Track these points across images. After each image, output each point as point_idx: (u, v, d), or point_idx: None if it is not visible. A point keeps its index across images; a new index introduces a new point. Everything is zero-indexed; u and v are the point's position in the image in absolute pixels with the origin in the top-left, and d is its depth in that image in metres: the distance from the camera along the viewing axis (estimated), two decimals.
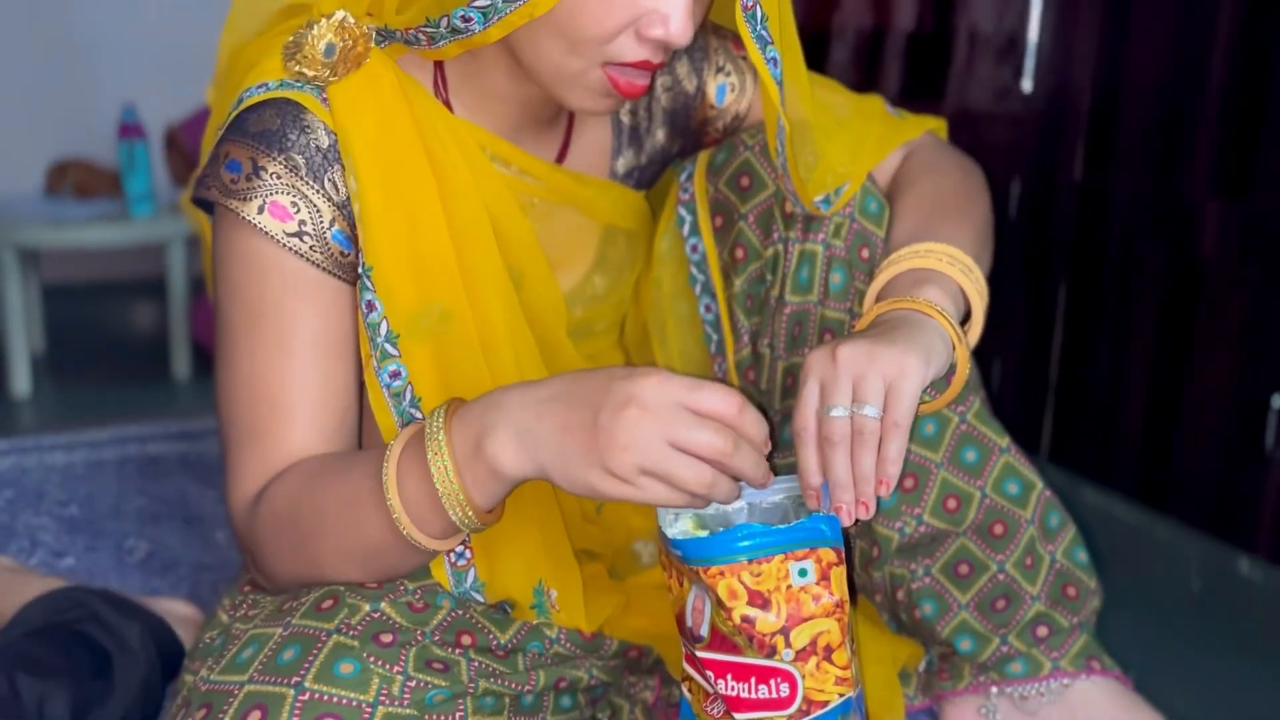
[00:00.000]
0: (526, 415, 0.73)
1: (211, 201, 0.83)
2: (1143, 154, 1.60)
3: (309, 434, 0.83)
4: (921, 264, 0.85)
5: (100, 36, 2.89)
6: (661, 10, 0.77)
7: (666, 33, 0.77)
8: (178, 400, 2.28)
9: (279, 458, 0.82)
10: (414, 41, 0.83)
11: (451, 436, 0.74)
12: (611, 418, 0.69)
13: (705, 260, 1.00)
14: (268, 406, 0.82)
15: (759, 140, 0.96)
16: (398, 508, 0.75)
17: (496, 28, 0.78)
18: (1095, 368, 1.70)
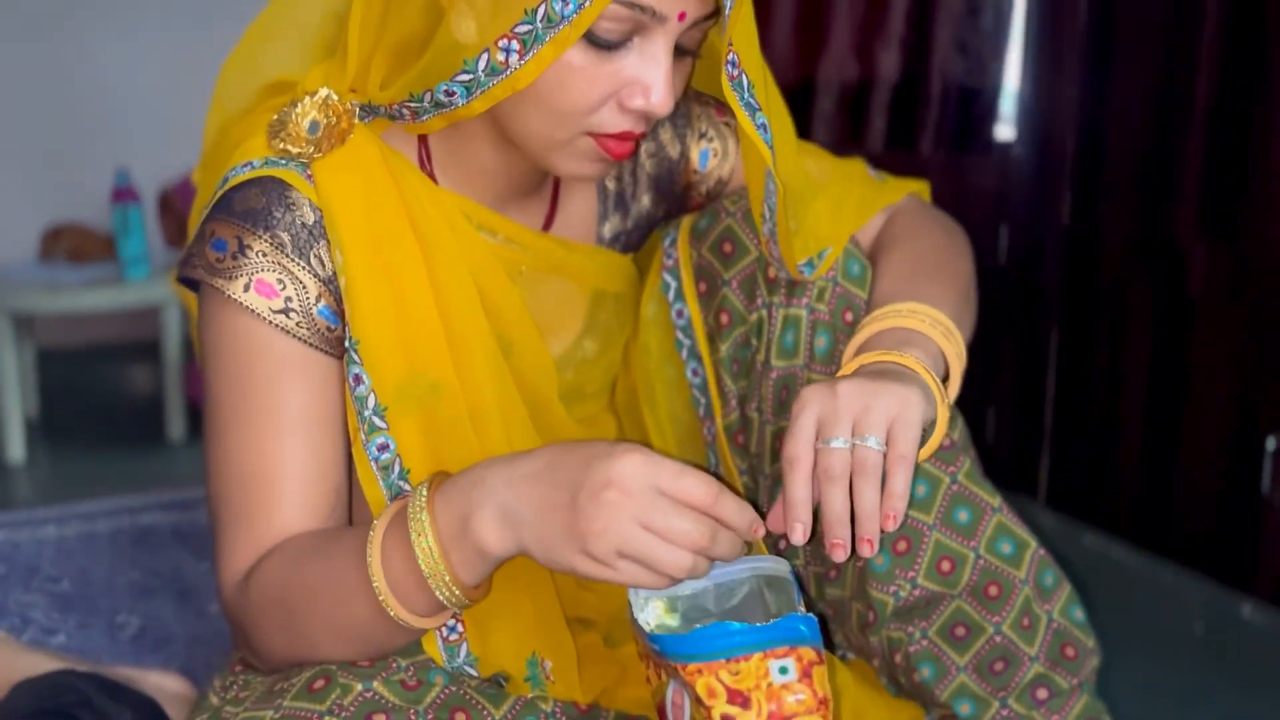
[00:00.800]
0: (509, 493, 0.73)
1: (198, 280, 0.84)
2: (1129, 197, 1.61)
3: (298, 512, 0.82)
4: (903, 323, 0.85)
5: (94, 102, 2.92)
6: (643, 81, 0.78)
7: (648, 103, 0.78)
8: (173, 463, 2.28)
9: (268, 536, 0.82)
10: (398, 116, 0.84)
11: (435, 516, 0.74)
12: (590, 500, 0.69)
13: (691, 325, 1.00)
14: (257, 485, 0.82)
15: (740, 206, 0.97)
16: (384, 589, 0.75)
17: (480, 101, 0.79)
18: (1089, 411, 1.71)
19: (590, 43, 0.77)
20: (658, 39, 0.78)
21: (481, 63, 0.78)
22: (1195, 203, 1.51)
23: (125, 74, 2.93)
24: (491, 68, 0.77)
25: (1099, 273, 1.67)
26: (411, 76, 0.81)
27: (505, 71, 0.77)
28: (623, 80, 0.78)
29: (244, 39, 0.94)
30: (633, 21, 0.77)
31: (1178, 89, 1.52)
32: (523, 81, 0.77)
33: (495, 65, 0.77)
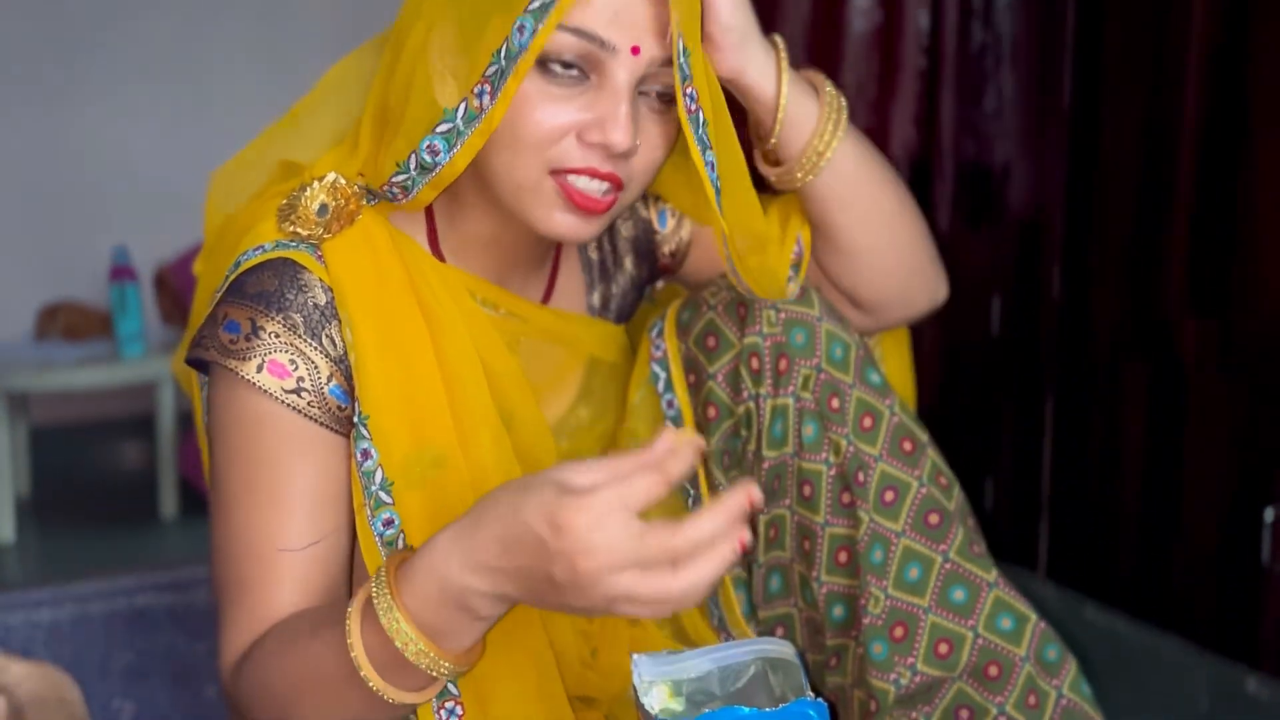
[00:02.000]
0: (480, 581, 0.71)
1: (209, 361, 0.84)
2: (1118, 271, 1.64)
3: (298, 592, 0.82)
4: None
5: (90, 180, 2.95)
6: (599, 114, 0.80)
7: (604, 138, 0.80)
8: (165, 541, 2.26)
9: (267, 617, 0.82)
10: (392, 197, 0.86)
11: (408, 610, 0.73)
12: (568, 575, 0.67)
13: (681, 416, 1.00)
14: (260, 564, 0.82)
15: (720, 299, 0.98)
16: (374, 677, 0.74)
17: (461, 154, 0.81)
18: (1087, 483, 1.71)
19: (545, 73, 0.79)
20: (616, 74, 0.79)
21: (460, 111, 0.81)
22: (1184, 278, 1.53)
23: (122, 153, 2.97)
24: (468, 115, 0.80)
25: (1092, 346, 1.69)
26: (398, 142, 0.83)
27: (480, 115, 0.80)
28: (583, 115, 0.80)
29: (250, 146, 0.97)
30: (585, 51, 0.79)
31: (1162, 165, 1.55)
32: (495, 121, 0.79)
33: (471, 111, 0.80)
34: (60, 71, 2.90)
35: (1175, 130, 1.53)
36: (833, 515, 0.95)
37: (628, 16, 0.79)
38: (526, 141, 0.81)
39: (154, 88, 2.98)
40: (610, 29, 0.78)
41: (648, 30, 0.79)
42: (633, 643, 1.01)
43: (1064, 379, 1.74)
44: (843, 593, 0.95)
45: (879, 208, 0.95)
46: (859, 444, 0.94)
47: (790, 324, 0.95)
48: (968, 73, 1.85)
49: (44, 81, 2.89)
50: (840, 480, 0.95)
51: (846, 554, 0.94)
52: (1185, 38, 1.49)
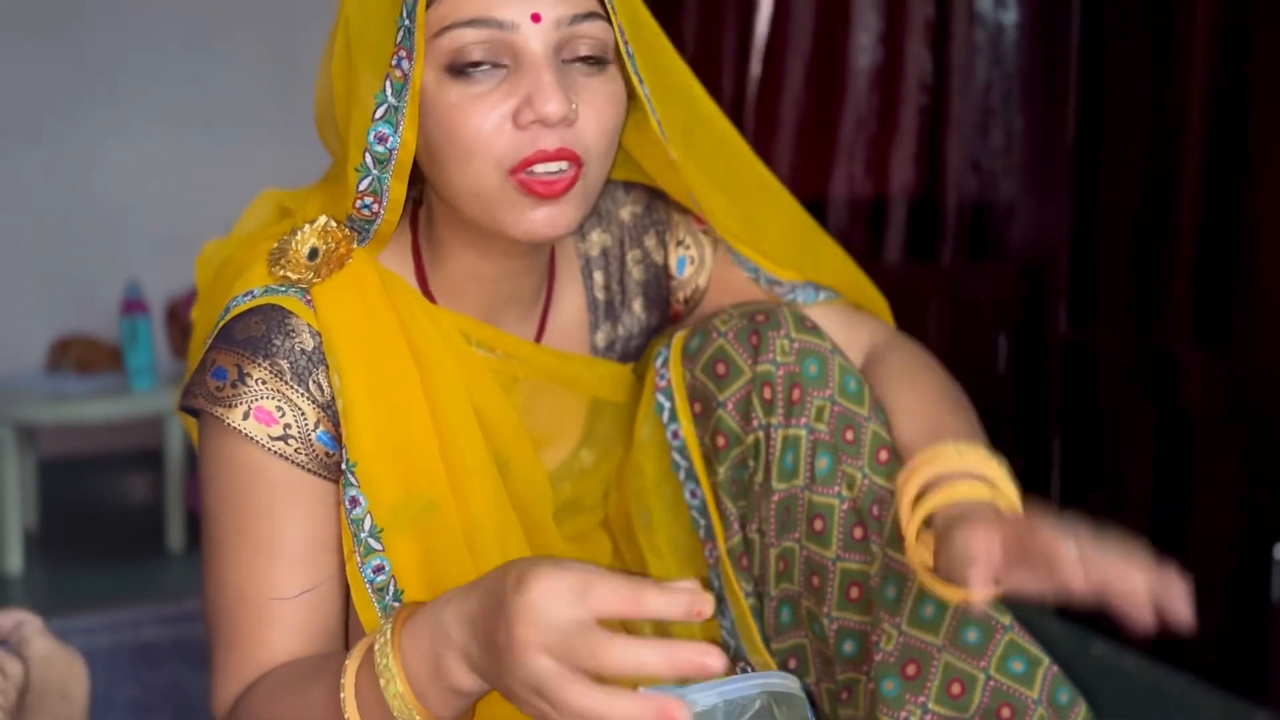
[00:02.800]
0: (463, 636, 0.69)
1: (198, 409, 0.85)
2: (1123, 309, 1.64)
3: (289, 639, 0.82)
4: (963, 464, 0.89)
5: (102, 215, 2.98)
6: (525, 94, 0.78)
7: (536, 113, 0.78)
8: (171, 573, 2.26)
9: (259, 663, 0.81)
10: (368, 211, 0.85)
11: (404, 662, 0.71)
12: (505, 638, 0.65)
13: (686, 447, 0.99)
14: (250, 611, 0.82)
15: (731, 326, 0.97)
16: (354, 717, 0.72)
17: (406, 128, 0.81)
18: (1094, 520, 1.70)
19: (462, 78, 0.79)
20: (527, 48, 0.78)
21: (388, 88, 0.80)
22: (1188, 315, 1.54)
23: (134, 190, 3.00)
24: (395, 87, 0.80)
25: (1098, 382, 1.69)
26: (351, 150, 0.83)
27: (406, 82, 0.80)
28: (511, 102, 0.79)
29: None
30: (489, 40, 0.78)
31: (1165, 202, 1.56)
32: (417, 81, 0.79)
33: (397, 83, 0.80)
34: (74, 110, 2.94)
35: (1178, 167, 1.54)
36: (844, 550, 0.94)
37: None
38: (471, 148, 0.80)
39: (165, 126, 3.01)
40: (503, 8, 0.77)
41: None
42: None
43: (1071, 415, 1.74)
44: (854, 628, 0.94)
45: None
46: (874, 478, 0.94)
47: (804, 354, 0.94)
48: (972, 111, 1.87)
49: (58, 120, 2.93)
50: (854, 514, 0.94)
51: (858, 589, 0.94)
52: (1187, 76, 1.50)
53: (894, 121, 1.90)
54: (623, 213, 1.02)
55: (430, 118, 0.81)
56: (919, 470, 0.89)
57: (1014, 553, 0.81)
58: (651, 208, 1.03)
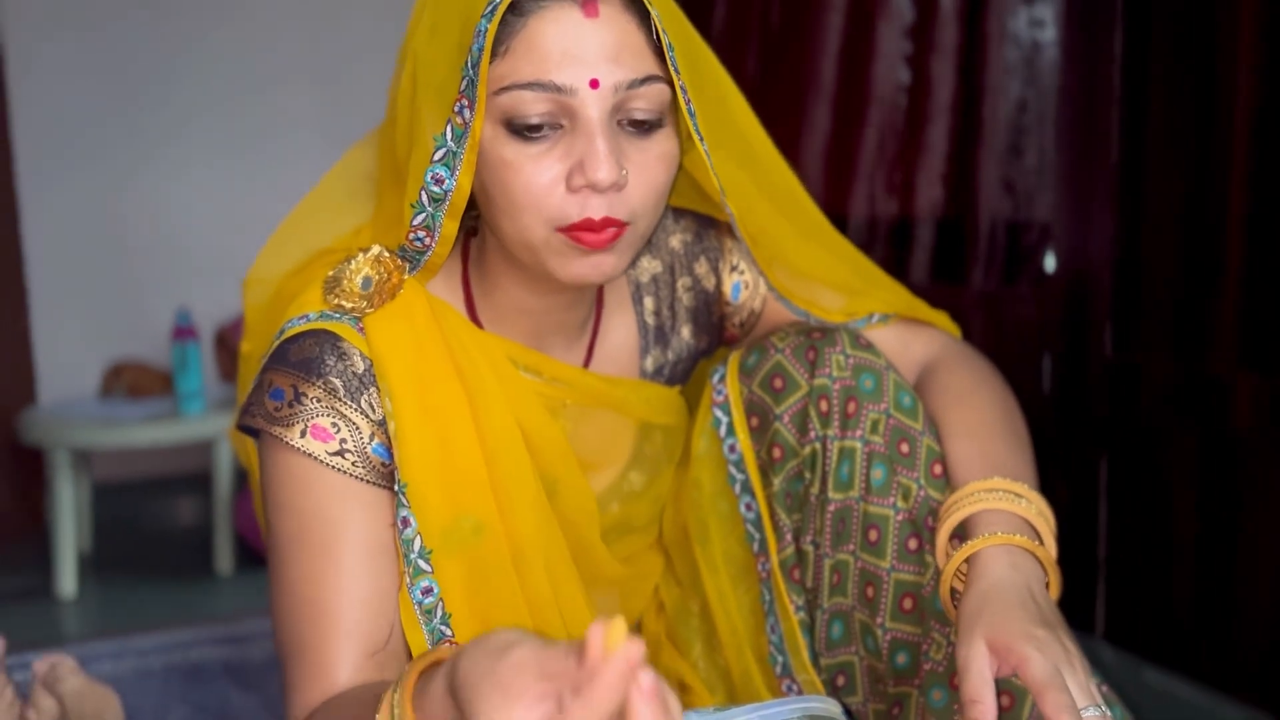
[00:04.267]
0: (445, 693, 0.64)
1: (257, 429, 0.87)
2: (1168, 329, 1.62)
3: (357, 646, 0.83)
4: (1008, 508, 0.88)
5: (153, 244, 3.05)
6: (577, 157, 0.80)
7: (587, 179, 0.79)
8: (220, 596, 2.29)
9: (328, 673, 0.83)
10: (420, 243, 0.87)
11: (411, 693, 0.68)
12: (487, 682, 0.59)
13: (743, 460, 1.01)
14: (317, 619, 0.83)
15: (788, 343, 0.99)
16: None
17: (463, 173, 0.82)
18: (1143, 543, 1.68)
19: (518, 135, 0.80)
20: (583, 112, 0.79)
21: (448, 133, 0.82)
22: (1235, 335, 1.52)
23: (184, 217, 3.07)
24: (456, 132, 0.81)
25: (1145, 403, 1.67)
26: (409, 186, 0.85)
27: (466, 130, 0.81)
28: (565, 164, 0.80)
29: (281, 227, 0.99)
30: (547, 100, 0.79)
31: (1210, 221, 1.55)
32: (477, 132, 0.80)
33: (457, 129, 0.81)
34: (126, 138, 3.01)
35: (1224, 185, 1.52)
36: (899, 561, 0.94)
37: (576, 52, 0.78)
38: (522, 205, 0.81)
39: (216, 154, 3.08)
40: (562, 72, 0.78)
41: (600, 57, 0.78)
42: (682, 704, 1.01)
43: (1118, 437, 1.72)
44: (907, 640, 0.95)
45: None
46: (929, 490, 0.94)
47: (859, 369, 0.96)
48: (1006, 130, 1.86)
49: (111, 148, 3.00)
50: (909, 525, 0.94)
51: (912, 601, 0.94)
52: (1232, 89, 1.49)
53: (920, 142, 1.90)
54: (673, 240, 1.04)
55: (486, 168, 0.82)
56: (951, 515, 0.89)
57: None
58: (702, 235, 1.05)
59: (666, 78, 0.82)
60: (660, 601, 1.09)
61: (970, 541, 0.86)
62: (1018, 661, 0.77)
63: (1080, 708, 0.75)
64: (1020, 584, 0.83)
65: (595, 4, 0.79)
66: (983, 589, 0.83)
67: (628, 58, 0.79)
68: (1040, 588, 0.84)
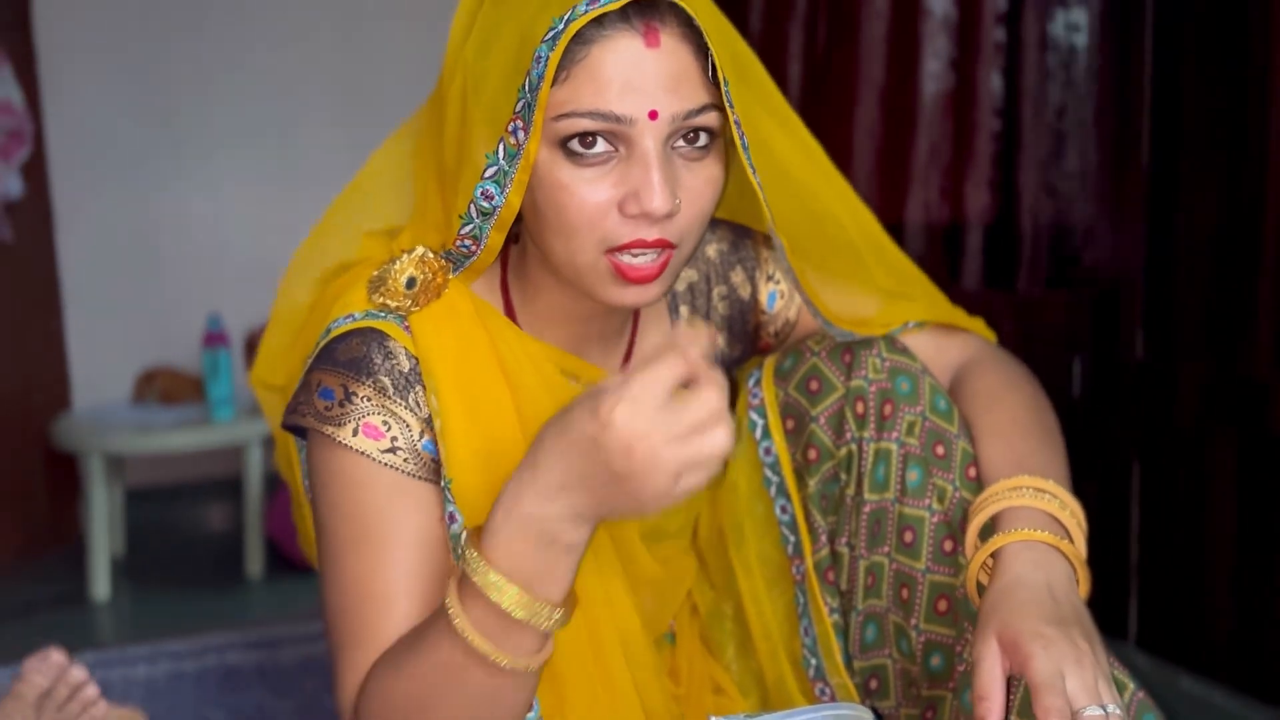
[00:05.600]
0: (559, 506, 0.74)
1: (305, 427, 0.88)
2: (1202, 333, 1.61)
3: (410, 626, 0.84)
4: (1037, 505, 0.88)
5: (187, 251, 3.07)
6: (632, 186, 0.80)
7: (641, 207, 0.80)
8: (251, 600, 2.30)
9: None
10: (466, 251, 0.88)
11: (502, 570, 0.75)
12: (626, 464, 0.70)
13: (778, 462, 1.01)
14: (372, 604, 0.84)
15: (824, 345, 0.99)
16: (484, 645, 0.75)
17: (514, 192, 0.83)
18: (1178, 549, 1.66)
19: (573, 157, 0.80)
20: (641, 143, 0.79)
21: (500, 151, 0.82)
22: (1272, 339, 1.50)
23: (216, 224, 3.09)
24: (509, 152, 0.81)
25: (1179, 409, 1.66)
26: (457, 198, 0.86)
27: (519, 151, 0.81)
28: (619, 190, 0.80)
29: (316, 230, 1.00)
30: (606, 129, 0.79)
31: (1246, 223, 1.53)
32: (532, 155, 0.81)
33: (510, 149, 0.81)
34: (158, 148, 3.04)
35: (1260, 187, 1.51)
36: (934, 562, 0.94)
37: (637, 82, 0.78)
38: (575, 226, 0.82)
39: (247, 162, 3.11)
40: (622, 102, 0.78)
41: (660, 88, 0.79)
42: (716, 708, 1.01)
43: (1150, 443, 1.71)
44: (941, 642, 0.94)
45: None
46: (964, 492, 0.94)
47: (895, 372, 0.96)
48: (1046, 135, 1.85)
49: (143, 158, 3.04)
50: (944, 527, 0.94)
51: (946, 602, 0.94)
52: (1268, 93, 1.48)
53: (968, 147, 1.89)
54: (709, 250, 1.05)
55: (539, 189, 0.82)
56: (979, 513, 0.89)
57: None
58: (738, 245, 1.05)
59: (720, 104, 0.83)
60: (694, 604, 1.09)
61: (994, 538, 0.86)
62: (1023, 659, 0.77)
63: (1079, 707, 0.75)
64: (1039, 581, 0.83)
65: (657, 34, 0.79)
66: (1002, 585, 0.83)
67: (686, 88, 0.80)
68: (1064, 585, 0.84)
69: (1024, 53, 1.85)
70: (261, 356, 1.04)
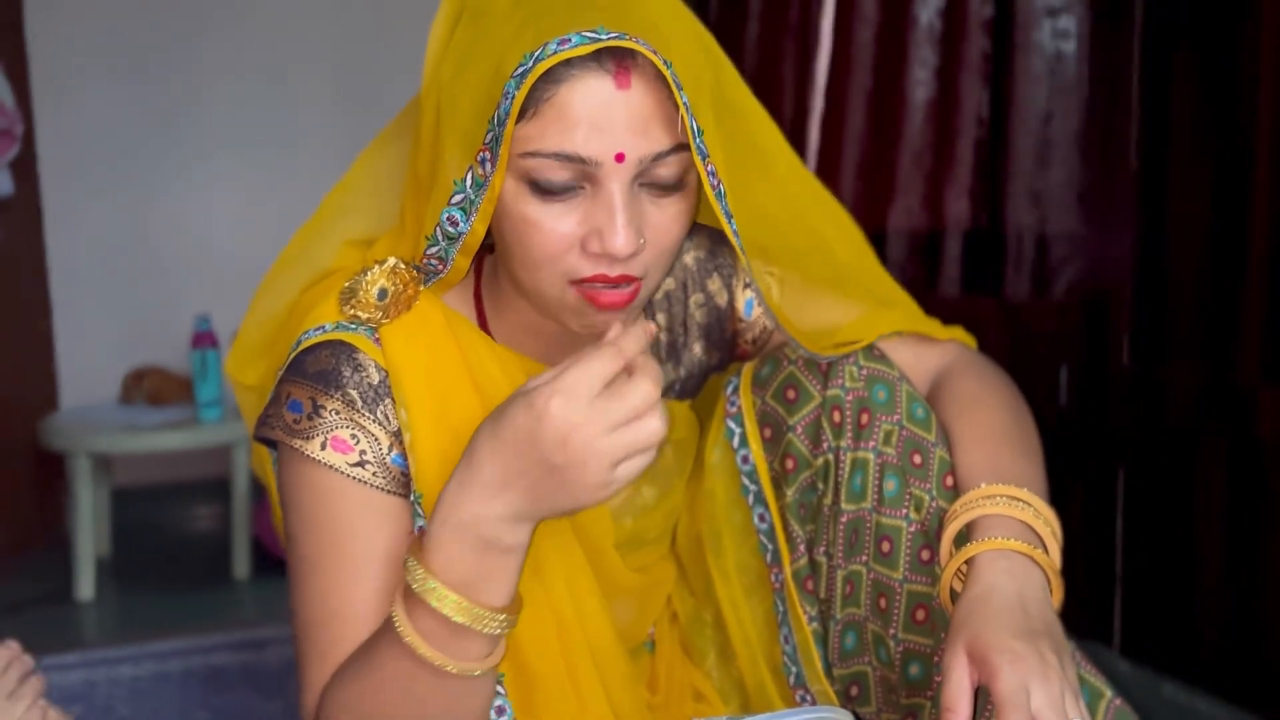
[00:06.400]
0: (499, 505, 0.75)
1: (275, 440, 0.88)
2: (1191, 340, 1.62)
3: None
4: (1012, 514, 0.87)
5: (175, 253, 3.06)
6: (596, 225, 0.79)
7: (604, 248, 0.79)
8: (238, 601, 2.30)
9: None
10: (432, 270, 0.88)
11: (443, 576, 0.76)
12: (563, 454, 0.72)
13: (756, 471, 1.01)
14: (338, 622, 0.84)
15: (802, 354, 0.99)
16: (431, 653, 0.76)
17: (478, 220, 0.82)
18: (1162, 556, 1.67)
19: (538, 193, 0.79)
20: (606, 183, 0.78)
21: (468, 180, 0.81)
22: (1260, 346, 1.51)
23: (206, 224, 3.09)
24: (476, 182, 0.80)
25: (1165, 417, 1.66)
26: (425, 219, 0.85)
27: (485, 182, 0.80)
28: (582, 227, 0.80)
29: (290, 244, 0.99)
30: (572, 169, 0.78)
31: (1234, 230, 1.54)
32: (497, 187, 0.80)
33: (478, 179, 0.80)
34: (149, 146, 3.04)
35: (1247, 195, 1.51)
36: (911, 572, 0.94)
37: (604, 123, 0.77)
38: (538, 260, 0.81)
39: (238, 163, 3.10)
40: (589, 145, 0.77)
41: (627, 130, 0.77)
42: (697, 714, 1.01)
43: (1136, 450, 1.71)
44: (919, 651, 0.94)
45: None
46: (941, 501, 0.94)
47: (872, 380, 0.96)
48: (1034, 142, 1.86)
49: (134, 155, 3.03)
50: (921, 536, 0.94)
51: (924, 612, 0.94)
52: (1256, 99, 1.49)
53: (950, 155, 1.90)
54: (686, 258, 1.04)
55: (505, 219, 0.82)
56: (953, 521, 0.89)
57: None
58: (715, 252, 1.05)
59: (688, 146, 0.81)
60: (674, 612, 1.09)
61: (967, 546, 0.86)
62: (990, 674, 0.77)
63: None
64: (1011, 590, 0.83)
65: (628, 75, 0.77)
66: (974, 595, 0.83)
67: (655, 129, 0.78)
68: (1037, 594, 0.84)
69: (1013, 60, 1.86)
70: (234, 352, 1.03)
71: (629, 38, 0.76)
